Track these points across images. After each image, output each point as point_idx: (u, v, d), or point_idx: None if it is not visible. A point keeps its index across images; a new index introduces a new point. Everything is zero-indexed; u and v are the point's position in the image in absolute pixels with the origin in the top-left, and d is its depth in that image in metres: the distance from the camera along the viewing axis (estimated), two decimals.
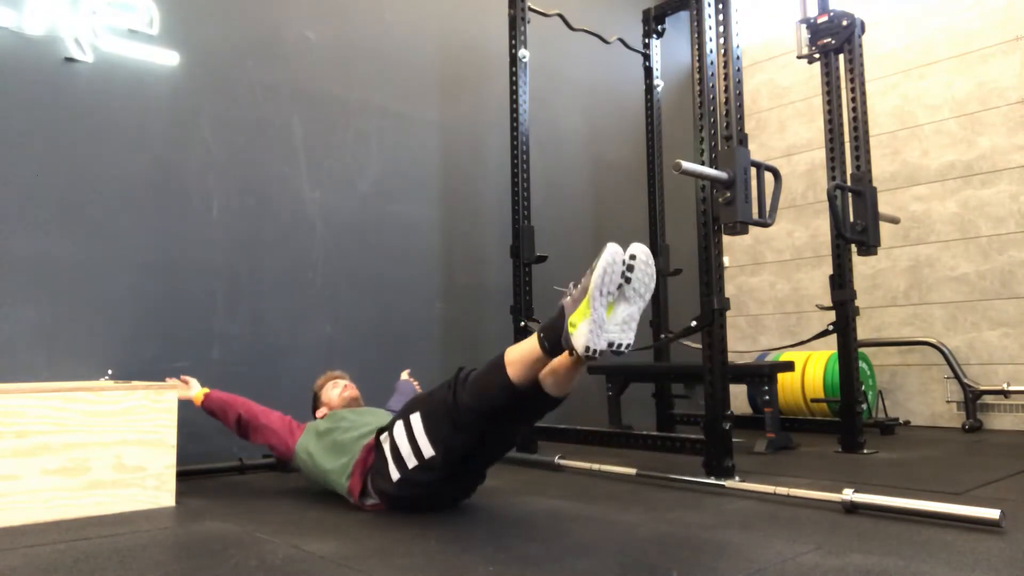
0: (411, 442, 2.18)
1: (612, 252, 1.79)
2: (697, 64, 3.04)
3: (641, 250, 1.82)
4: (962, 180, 4.82)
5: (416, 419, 2.18)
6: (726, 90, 2.99)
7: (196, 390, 2.82)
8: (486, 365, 2.07)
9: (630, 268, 1.80)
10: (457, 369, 2.17)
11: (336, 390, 2.90)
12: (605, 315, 1.74)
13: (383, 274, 3.97)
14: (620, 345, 1.78)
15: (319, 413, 2.89)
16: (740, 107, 2.98)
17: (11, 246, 2.90)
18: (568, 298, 1.83)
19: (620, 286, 1.79)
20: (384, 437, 2.30)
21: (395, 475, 2.22)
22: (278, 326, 3.57)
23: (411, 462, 2.18)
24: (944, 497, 2.34)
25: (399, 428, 2.23)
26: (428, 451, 2.13)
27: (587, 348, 1.73)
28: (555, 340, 1.85)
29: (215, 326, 3.38)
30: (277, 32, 3.73)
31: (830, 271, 3.85)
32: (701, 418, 2.96)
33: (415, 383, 3.42)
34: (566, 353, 1.89)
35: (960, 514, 2.06)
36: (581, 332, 1.74)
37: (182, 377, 2.90)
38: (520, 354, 1.95)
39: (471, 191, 4.45)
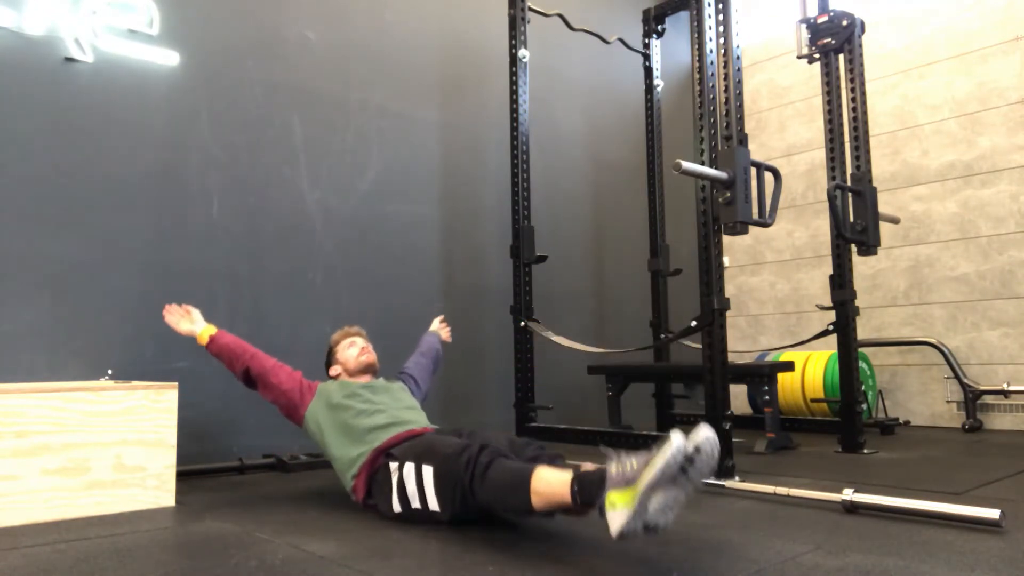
0: (419, 490, 2.12)
1: (676, 447, 1.54)
2: (697, 64, 3.04)
3: (708, 442, 1.58)
4: (962, 180, 4.82)
5: (428, 473, 2.09)
6: (726, 90, 2.99)
7: (201, 326, 2.66)
8: (509, 475, 1.91)
9: (690, 460, 1.56)
10: (480, 446, 2.01)
11: (353, 350, 2.76)
12: (650, 504, 1.55)
13: (383, 274, 3.97)
14: (657, 527, 1.56)
15: (332, 371, 2.79)
16: (740, 107, 2.98)
17: (11, 246, 2.90)
18: (615, 467, 1.62)
19: (675, 479, 1.57)
20: (393, 466, 2.22)
21: (396, 507, 2.19)
22: (278, 326, 3.57)
23: (415, 504, 2.13)
24: (944, 497, 2.34)
25: (409, 470, 2.15)
26: (434, 506, 2.08)
27: (622, 535, 1.55)
28: (588, 500, 1.70)
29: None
30: (277, 32, 3.73)
31: (830, 271, 3.85)
32: (701, 418, 2.95)
33: (444, 330, 3.38)
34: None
35: (960, 514, 2.06)
36: (619, 516, 1.56)
37: (184, 306, 2.73)
38: (548, 491, 1.80)
39: (471, 191, 4.45)
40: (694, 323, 2.94)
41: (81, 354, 3.02)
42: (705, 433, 1.58)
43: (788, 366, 4.00)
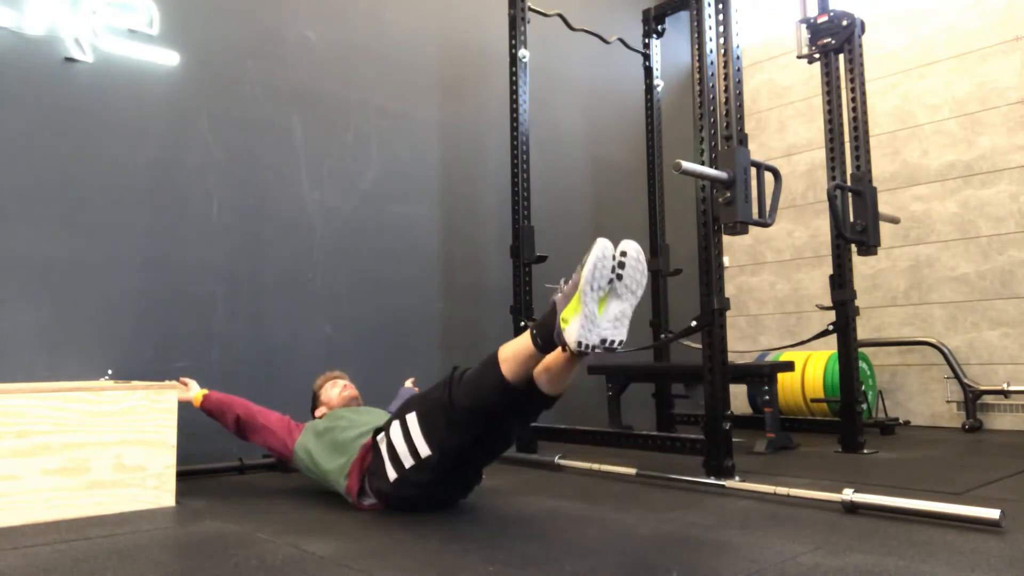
0: (407, 442, 2.18)
1: (602, 247, 1.77)
2: (697, 64, 3.04)
3: (632, 247, 1.81)
4: (962, 180, 4.82)
5: (412, 419, 2.19)
6: (726, 90, 2.99)
7: (195, 391, 2.82)
8: (480, 363, 2.07)
9: (621, 264, 1.78)
10: (452, 368, 2.17)
11: (335, 389, 2.90)
12: (597, 311, 1.73)
13: (383, 274, 3.97)
14: (613, 342, 1.75)
15: (318, 412, 2.89)
16: (740, 107, 2.98)
17: (11, 246, 2.90)
18: (559, 294, 1.82)
19: (611, 281, 1.77)
20: (381, 437, 2.30)
21: (392, 475, 2.22)
22: (278, 326, 3.57)
23: (408, 462, 2.18)
24: (944, 497, 2.34)
25: (395, 428, 2.24)
26: (424, 451, 2.14)
27: (579, 343, 1.72)
28: (547, 336, 1.84)
29: (215, 326, 3.38)
30: (277, 32, 3.73)
31: (830, 271, 3.85)
32: (701, 418, 2.96)
33: (417, 391, 3.41)
34: (559, 349, 1.88)
35: (960, 514, 2.06)
36: (573, 327, 1.73)
37: (181, 379, 2.90)
38: (513, 351, 1.95)
39: (471, 191, 4.45)
40: (694, 323, 2.94)
41: (81, 354, 3.02)
42: (628, 242, 1.80)
43: (788, 366, 4.00)
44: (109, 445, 2.43)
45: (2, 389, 2.36)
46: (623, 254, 1.79)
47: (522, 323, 3.82)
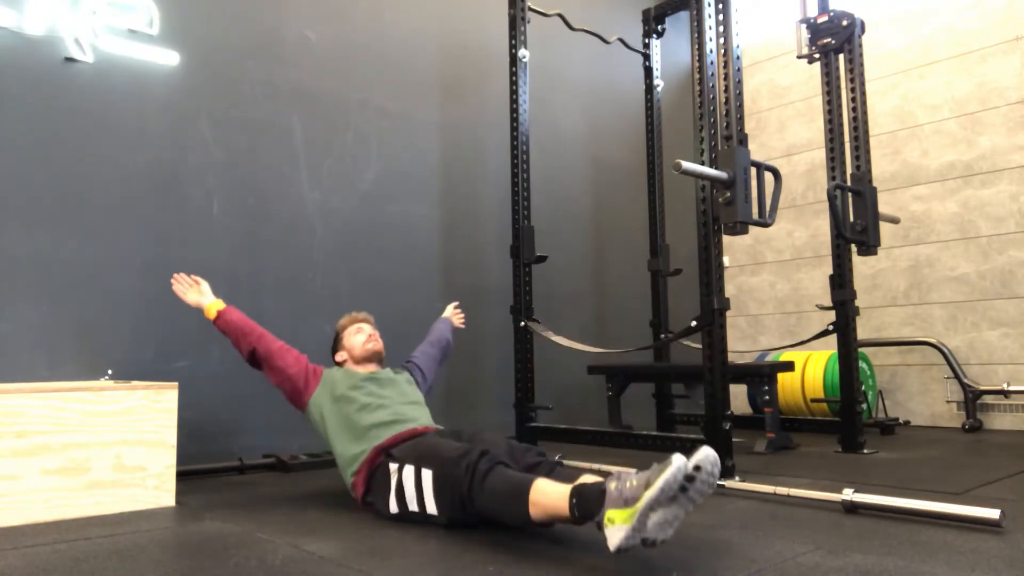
0: (418, 493, 2.10)
1: (677, 468, 1.55)
2: (697, 64, 3.04)
3: (708, 461, 1.60)
4: (962, 180, 4.82)
5: (427, 478, 2.08)
6: (726, 90, 2.99)
7: (209, 299, 2.67)
8: (508, 485, 1.89)
9: (690, 479, 1.58)
10: (479, 452, 1.99)
11: (360, 337, 2.73)
12: (648, 520, 1.56)
13: (383, 274, 3.97)
14: (655, 541, 1.57)
15: (338, 357, 2.75)
16: (740, 107, 2.98)
17: (11, 246, 2.90)
18: (614, 484, 1.62)
19: (674, 498, 1.58)
20: (393, 467, 2.21)
21: (393, 508, 2.19)
22: (278, 326, 3.55)
23: (412, 507, 2.13)
24: (944, 497, 2.34)
25: (408, 472, 2.14)
26: (432, 510, 2.07)
27: (619, 550, 1.56)
28: (587, 514, 1.69)
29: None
30: (277, 32, 3.73)
31: (830, 271, 3.85)
32: (701, 418, 2.96)
33: (457, 317, 3.39)
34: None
35: (960, 514, 2.06)
36: (617, 533, 1.56)
37: (193, 277, 2.73)
38: (546, 503, 1.79)
39: (471, 191, 4.45)
40: (694, 323, 2.94)
41: (81, 354, 3.02)
42: (706, 452, 1.60)
43: (788, 366, 4.00)
44: (109, 445, 2.43)
45: (2, 389, 2.36)
46: (696, 468, 1.58)
47: (522, 323, 3.82)
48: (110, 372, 3.04)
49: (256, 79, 3.62)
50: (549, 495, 1.79)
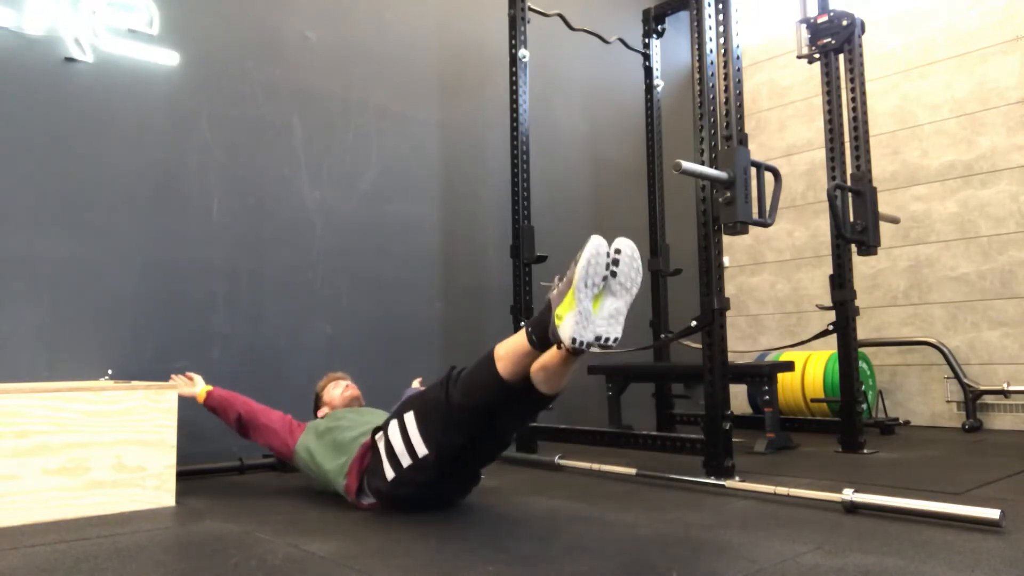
0: (405, 441, 2.18)
1: (596, 244, 1.78)
2: (697, 64, 3.04)
3: (626, 244, 1.81)
4: (962, 180, 4.82)
5: (410, 418, 2.18)
6: (726, 90, 2.99)
7: (200, 387, 2.83)
8: (476, 362, 2.07)
9: (615, 262, 1.78)
10: (449, 368, 2.17)
11: (338, 390, 2.91)
12: (591, 307, 1.72)
13: (383, 274, 3.97)
14: (608, 339, 1.74)
15: (320, 413, 2.90)
16: (740, 107, 2.98)
17: (11, 246, 2.90)
18: (555, 291, 1.81)
19: (605, 278, 1.77)
20: (379, 436, 2.30)
21: (390, 474, 2.22)
22: (278, 326, 3.57)
23: (405, 460, 2.18)
24: (944, 497, 2.34)
25: (393, 427, 2.24)
26: (422, 450, 2.13)
27: (574, 340, 1.71)
28: (543, 334, 1.83)
29: (215, 326, 3.38)
30: (277, 32, 3.73)
31: (830, 271, 3.85)
32: (701, 418, 2.96)
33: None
34: (555, 347, 1.87)
35: (960, 514, 2.06)
36: (567, 324, 1.72)
37: (187, 374, 2.92)
38: (509, 349, 1.94)
39: (471, 191, 4.45)
40: (694, 323, 2.94)
41: (81, 354, 3.02)
42: (624, 239, 1.80)
43: (788, 366, 4.00)
44: (109, 445, 2.43)
45: (2, 389, 2.36)
46: (617, 251, 1.79)
47: (522, 323, 3.81)
48: (110, 372, 3.05)
49: (256, 79, 3.62)
50: (509, 343, 1.94)
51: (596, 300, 1.75)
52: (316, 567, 1.74)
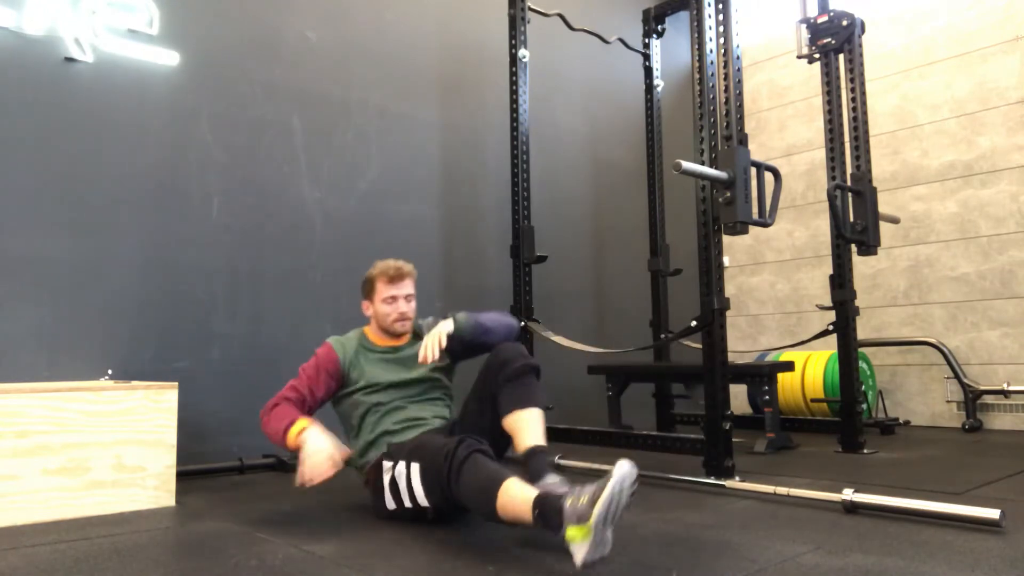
0: (408, 487, 2.14)
1: (623, 473, 1.63)
2: (697, 64, 3.04)
3: (630, 474, 1.66)
4: (962, 180, 4.82)
5: (416, 470, 2.12)
6: (726, 90, 2.99)
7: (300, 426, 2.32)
8: (479, 481, 1.90)
9: (632, 494, 1.66)
10: (458, 441, 2.01)
11: (389, 310, 2.50)
12: (607, 535, 1.61)
13: None
14: (605, 553, 1.63)
15: (365, 309, 2.57)
16: (740, 107, 2.98)
17: (11, 246, 2.90)
18: (570, 502, 1.64)
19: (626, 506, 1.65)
20: (387, 464, 2.23)
21: (391, 505, 2.21)
22: (278, 326, 3.57)
23: (406, 502, 2.16)
24: (944, 497, 2.34)
25: (401, 468, 2.17)
26: (423, 501, 2.11)
27: (585, 565, 1.60)
28: (549, 527, 1.70)
29: (215, 326, 3.38)
30: (277, 32, 3.73)
31: (830, 271, 3.85)
32: (701, 418, 2.96)
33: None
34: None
35: (960, 514, 2.06)
36: (580, 550, 1.60)
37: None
38: (512, 506, 1.79)
39: (471, 191, 4.45)
40: (694, 323, 2.94)
41: (81, 354, 3.02)
42: (624, 467, 1.66)
43: (788, 366, 4.00)
44: (109, 445, 2.43)
45: (2, 389, 2.37)
46: (634, 482, 1.66)
47: (521, 323, 3.81)
48: (110, 372, 3.05)
49: (256, 79, 3.62)
50: (515, 500, 1.79)
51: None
52: (316, 567, 1.74)
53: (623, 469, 1.64)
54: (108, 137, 3.17)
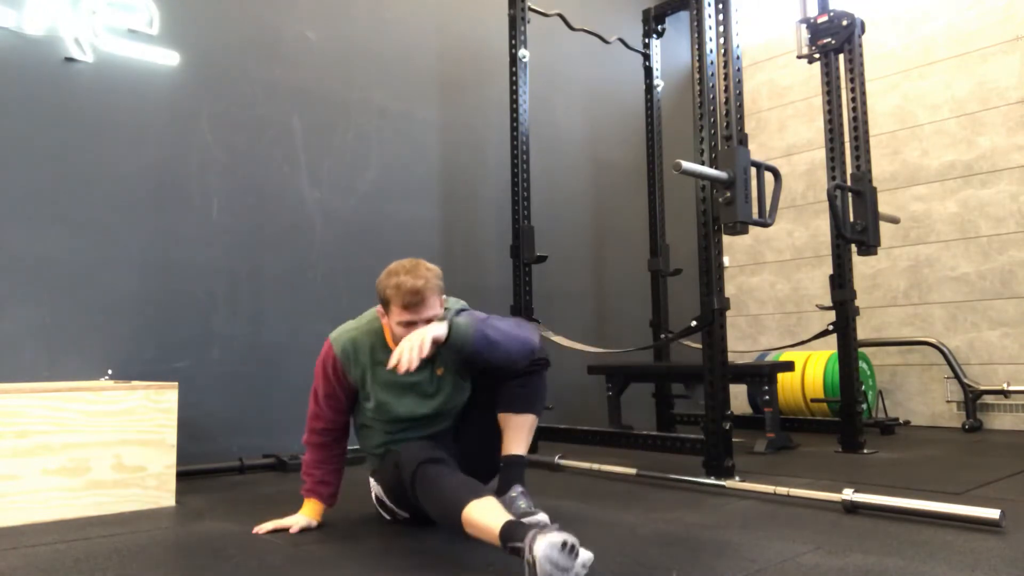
0: (380, 505, 2.22)
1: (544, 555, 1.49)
2: (697, 64, 3.04)
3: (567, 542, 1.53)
4: (962, 180, 4.82)
5: (379, 490, 2.19)
6: (726, 90, 2.99)
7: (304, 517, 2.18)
8: (447, 490, 1.83)
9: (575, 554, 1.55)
10: (417, 462, 1.91)
11: (404, 324, 1.99)
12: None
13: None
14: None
15: (380, 314, 2.12)
16: (740, 107, 2.98)
17: (11, 246, 2.90)
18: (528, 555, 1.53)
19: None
20: (372, 482, 2.25)
21: (386, 516, 2.24)
22: (278, 326, 3.57)
23: (387, 516, 2.23)
24: (944, 497, 2.34)
25: (374, 486, 2.23)
26: (402, 514, 2.16)
27: None
28: (514, 552, 1.61)
29: (215, 326, 3.38)
30: (277, 32, 3.73)
31: (830, 271, 3.85)
32: (701, 418, 2.96)
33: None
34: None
35: (960, 514, 2.06)
36: None
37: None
38: (479, 526, 1.71)
39: (471, 191, 4.45)
40: (694, 323, 2.94)
41: (81, 354, 3.02)
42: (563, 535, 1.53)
43: (788, 366, 4.00)
44: (109, 445, 2.43)
45: (2, 389, 2.37)
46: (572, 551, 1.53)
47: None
48: (110, 372, 3.05)
49: (256, 79, 3.62)
50: (482, 521, 1.71)
51: None
52: (316, 567, 1.74)
53: (547, 541, 1.50)
54: (108, 137, 3.17)
